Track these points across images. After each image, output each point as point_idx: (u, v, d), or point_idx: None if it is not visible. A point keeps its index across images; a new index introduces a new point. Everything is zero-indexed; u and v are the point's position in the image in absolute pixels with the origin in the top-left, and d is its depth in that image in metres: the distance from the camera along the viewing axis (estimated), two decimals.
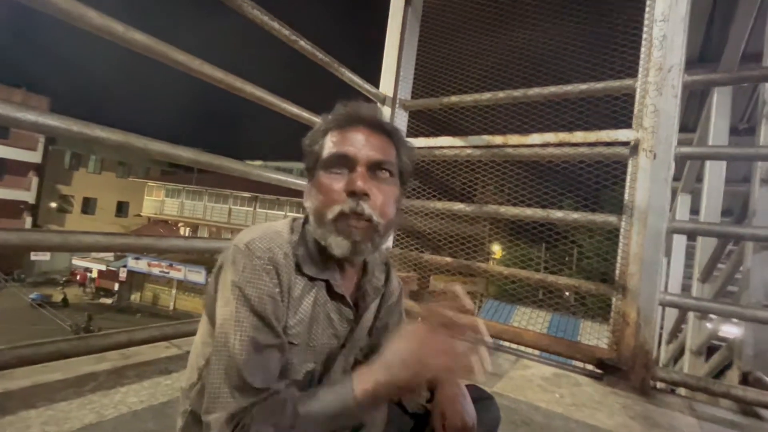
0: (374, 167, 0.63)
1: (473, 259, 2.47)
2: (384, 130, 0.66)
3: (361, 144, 0.63)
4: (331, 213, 0.61)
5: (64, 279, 19.87)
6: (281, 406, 0.53)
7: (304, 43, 1.77)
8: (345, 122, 0.65)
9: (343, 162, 0.63)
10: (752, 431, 1.41)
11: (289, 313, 0.61)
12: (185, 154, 1.35)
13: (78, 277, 19.88)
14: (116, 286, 18.81)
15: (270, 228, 0.65)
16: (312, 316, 0.64)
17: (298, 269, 0.63)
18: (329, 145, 0.64)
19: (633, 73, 1.78)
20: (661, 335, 4.59)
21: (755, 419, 1.51)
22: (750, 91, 3.67)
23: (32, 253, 16.99)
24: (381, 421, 0.73)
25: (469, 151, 2.20)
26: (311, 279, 0.64)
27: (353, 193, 0.60)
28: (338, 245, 0.61)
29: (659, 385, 1.71)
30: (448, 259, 2.25)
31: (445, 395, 0.67)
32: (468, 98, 2.23)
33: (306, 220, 0.68)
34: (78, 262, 19.87)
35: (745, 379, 1.76)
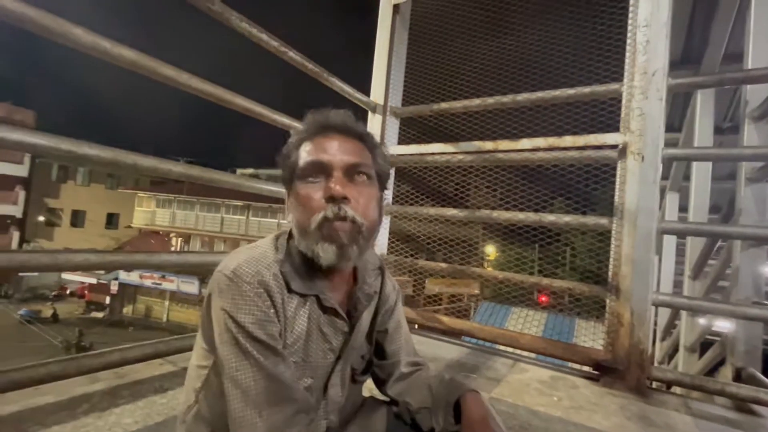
0: (350, 171, 0.63)
1: (468, 262, 2.48)
2: (356, 135, 0.67)
3: (334, 150, 0.63)
4: (314, 221, 0.61)
5: (53, 294, 19.50)
6: None
7: (293, 54, 1.77)
8: (316, 131, 0.66)
9: (319, 169, 0.63)
10: (748, 428, 1.42)
11: (287, 332, 0.61)
12: (175, 168, 1.34)
13: (77, 292, 19.50)
14: (107, 300, 18.51)
15: (254, 250, 0.64)
16: (308, 332, 0.64)
17: (288, 287, 0.62)
18: (303, 156, 0.64)
19: (619, 77, 1.82)
20: (654, 332, 4.64)
21: (750, 415, 1.53)
22: (732, 91, 3.76)
23: None
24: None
25: (460, 156, 2.21)
26: (302, 295, 0.64)
27: (332, 198, 0.60)
28: (325, 251, 0.60)
29: (655, 384, 1.73)
30: (443, 265, 2.26)
31: (474, 419, 0.63)
32: (457, 104, 2.25)
33: (290, 236, 0.67)
34: (68, 276, 19.52)
35: (739, 376, 1.79)
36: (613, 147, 1.80)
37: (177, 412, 0.69)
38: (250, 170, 27.66)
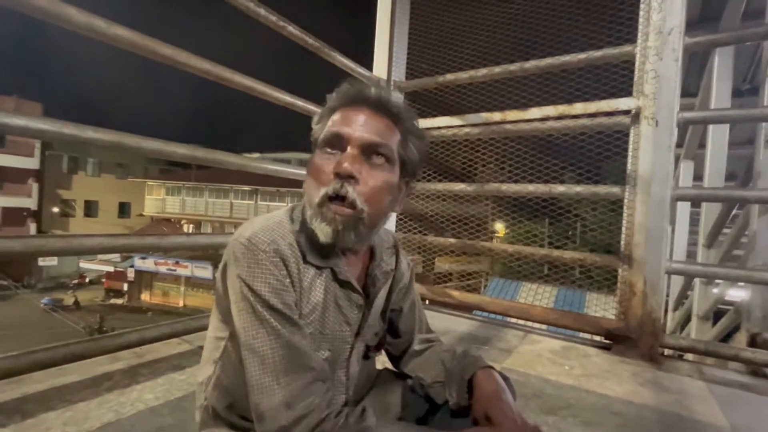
0: (368, 150, 0.60)
1: (477, 239, 2.47)
2: (388, 113, 0.62)
3: (358, 124, 0.60)
4: (317, 196, 0.58)
5: (74, 282, 20.11)
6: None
7: (292, 29, 1.72)
8: (348, 102, 0.62)
9: (336, 141, 0.60)
10: (762, 391, 1.42)
11: (303, 302, 0.61)
12: (180, 150, 1.33)
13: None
14: (125, 287, 19.03)
15: (270, 219, 0.63)
16: (324, 303, 0.63)
17: (304, 258, 0.61)
18: (329, 125, 0.62)
19: (632, 40, 1.73)
20: (667, 303, 4.61)
21: (765, 379, 1.52)
22: (752, 50, 3.58)
23: (39, 259, 17.16)
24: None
25: (467, 129, 2.16)
26: (318, 267, 0.63)
27: (338, 175, 0.57)
28: (321, 231, 0.58)
29: (668, 352, 1.73)
30: (452, 240, 2.25)
31: (487, 393, 0.62)
32: (464, 75, 2.18)
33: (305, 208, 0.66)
34: (85, 264, 20.04)
35: (753, 341, 1.77)
36: (626, 112, 1.74)
37: (196, 387, 0.70)
38: (256, 154, 27.66)
